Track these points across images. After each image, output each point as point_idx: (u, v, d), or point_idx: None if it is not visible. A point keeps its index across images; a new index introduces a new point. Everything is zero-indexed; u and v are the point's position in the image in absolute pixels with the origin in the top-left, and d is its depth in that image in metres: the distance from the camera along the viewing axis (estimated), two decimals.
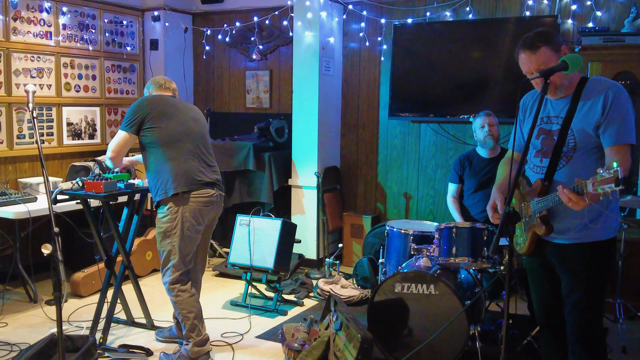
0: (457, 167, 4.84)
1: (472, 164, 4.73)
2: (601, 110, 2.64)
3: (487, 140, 4.60)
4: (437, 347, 3.63)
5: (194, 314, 3.74)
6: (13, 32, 5.43)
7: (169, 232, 3.69)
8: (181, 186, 3.66)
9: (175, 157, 3.72)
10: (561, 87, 2.71)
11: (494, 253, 3.75)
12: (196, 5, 6.98)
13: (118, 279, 4.22)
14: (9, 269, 5.06)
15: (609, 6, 5.17)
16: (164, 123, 3.73)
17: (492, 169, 4.44)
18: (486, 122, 4.59)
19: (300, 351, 3.71)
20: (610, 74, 4.76)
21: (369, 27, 6.11)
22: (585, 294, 2.73)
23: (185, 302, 3.74)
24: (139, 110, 3.74)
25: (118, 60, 6.51)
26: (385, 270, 4.51)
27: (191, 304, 3.76)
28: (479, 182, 4.66)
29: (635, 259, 4.66)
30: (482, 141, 4.64)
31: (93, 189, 3.84)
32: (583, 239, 2.70)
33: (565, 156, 2.71)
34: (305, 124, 6.03)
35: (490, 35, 5.49)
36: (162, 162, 3.71)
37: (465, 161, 4.79)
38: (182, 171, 3.69)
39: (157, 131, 3.71)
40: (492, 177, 4.43)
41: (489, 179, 4.51)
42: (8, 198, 4.93)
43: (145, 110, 3.74)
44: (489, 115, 4.64)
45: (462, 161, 4.82)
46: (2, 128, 5.40)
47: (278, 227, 4.98)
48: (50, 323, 4.50)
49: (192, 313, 3.74)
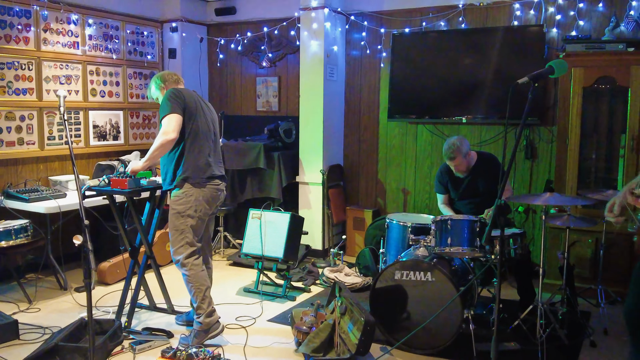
0: (440, 179, 4.69)
1: (451, 179, 4.59)
2: None
3: (457, 173, 4.48)
4: (434, 330, 3.64)
5: (205, 287, 3.77)
6: (43, 42, 5.46)
7: (184, 212, 3.74)
8: (200, 175, 3.76)
9: (197, 151, 3.78)
10: None
11: (487, 243, 3.76)
12: (211, 17, 6.98)
13: (141, 268, 4.24)
14: (41, 259, 5.10)
15: (591, 16, 5.15)
16: (192, 121, 3.78)
17: (470, 181, 4.49)
18: (452, 165, 4.41)
19: (308, 333, 3.72)
20: (592, 78, 4.76)
21: (370, 36, 6.11)
22: None
23: (197, 276, 3.77)
24: (179, 98, 3.73)
25: (139, 68, 6.52)
26: (386, 260, 4.50)
27: (203, 277, 3.80)
28: (461, 193, 4.59)
29: (615, 249, 4.65)
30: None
31: (118, 185, 3.86)
32: None
33: None
34: (311, 126, 6.04)
35: (481, 43, 5.48)
36: (186, 153, 3.77)
37: (444, 176, 4.64)
38: (202, 163, 3.79)
39: (186, 127, 3.75)
40: (471, 187, 4.46)
41: (468, 189, 4.51)
42: (40, 194, 4.96)
43: (184, 102, 3.74)
44: (452, 158, 4.34)
45: (442, 176, 4.66)
46: (34, 130, 5.43)
47: (287, 220, 5.00)
48: (79, 308, 4.52)
49: (204, 286, 3.77)
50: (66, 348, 3.52)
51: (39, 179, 5.49)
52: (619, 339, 4.01)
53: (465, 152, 4.34)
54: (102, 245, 5.57)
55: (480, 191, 4.45)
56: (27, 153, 5.39)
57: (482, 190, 4.44)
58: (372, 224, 5.79)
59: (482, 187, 4.44)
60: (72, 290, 4.95)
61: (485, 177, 4.41)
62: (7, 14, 5.15)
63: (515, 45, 5.31)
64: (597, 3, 5.09)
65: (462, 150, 4.31)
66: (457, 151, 4.30)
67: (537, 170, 5.44)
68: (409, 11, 5.88)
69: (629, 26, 4.86)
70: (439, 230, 3.85)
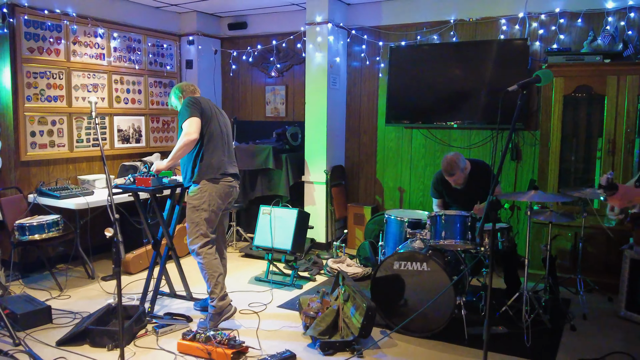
0: (436, 187, 4.55)
1: (446, 188, 4.45)
2: None
3: (455, 185, 4.34)
4: (430, 315, 3.65)
5: (217, 273, 3.78)
6: (73, 54, 5.47)
7: (198, 206, 3.77)
8: (214, 172, 3.78)
9: (212, 150, 3.81)
10: None
11: (480, 235, 3.75)
12: (224, 31, 6.98)
13: (163, 258, 4.24)
14: (71, 251, 5.11)
15: (571, 30, 5.15)
16: (207, 125, 3.80)
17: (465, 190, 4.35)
18: (451, 180, 4.26)
19: (315, 318, 3.72)
20: (571, 87, 4.75)
21: (369, 49, 6.11)
22: None
23: (211, 263, 3.78)
24: (196, 104, 3.77)
25: (159, 77, 6.52)
26: (385, 251, 4.50)
27: (216, 265, 3.81)
28: (456, 199, 4.48)
29: (593, 242, 4.65)
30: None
31: (143, 183, 3.86)
32: None
33: None
34: (316, 130, 6.03)
35: (471, 55, 5.47)
36: (203, 152, 3.79)
37: (440, 185, 4.49)
38: (216, 162, 3.81)
39: (203, 130, 3.77)
40: (466, 195, 4.34)
41: (463, 196, 4.38)
42: (70, 192, 4.97)
43: (201, 107, 3.78)
44: (452, 175, 4.20)
45: (438, 185, 4.51)
46: (64, 134, 5.43)
47: (295, 215, 4.99)
48: (106, 295, 4.52)
49: (217, 272, 3.78)
50: (95, 331, 3.55)
51: (68, 178, 5.50)
52: (597, 323, 4.02)
53: (462, 167, 4.19)
54: (126, 238, 5.55)
55: (474, 198, 4.29)
56: (57, 154, 5.39)
57: (476, 197, 4.29)
58: (371, 220, 5.78)
59: (475, 195, 4.30)
60: (99, 279, 4.95)
61: (479, 185, 4.27)
62: (40, 28, 5.15)
63: (502, 57, 5.29)
64: (576, 19, 5.09)
65: (460, 167, 4.17)
66: (456, 168, 4.16)
67: (521, 170, 5.44)
68: (405, 26, 5.88)
69: (605, 40, 4.86)
70: (433, 225, 3.85)
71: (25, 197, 5.01)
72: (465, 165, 4.24)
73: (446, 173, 4.24)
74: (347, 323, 3.64)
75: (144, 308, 3.92)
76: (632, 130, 4.57)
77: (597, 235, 4.64)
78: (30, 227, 4.57)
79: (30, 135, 5.12)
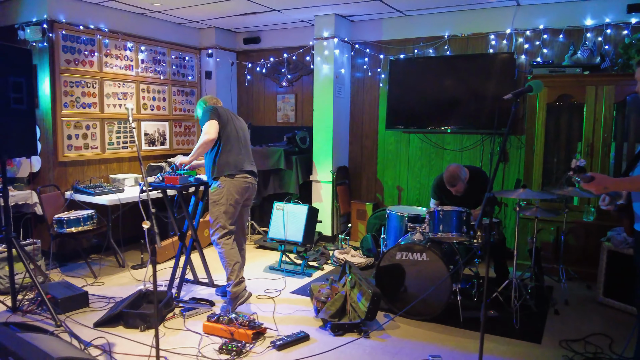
0: (436, 192, 4.48)
1: (445, 193, 4.37)
2: None
3: (456, 194, 4.27)
4: (429, 300, 3.67)
5: (234, 261, 3.81)
6: (105, 65, 5.50)
7: (218, 201, 3.80)
8: (231, 170, 3.82)
9: (229, 150, 3.85)
10: None
11: (479, 227, 3.77)
12: (240, 45, 7.00)
13: (188, 249, 4.27)
14: (104, 242, 5.15)
15: (553, 45, 5.18)
16: (224, 129, 3.85)
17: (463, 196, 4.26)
18: (453, 190, 4.21)
19: (325, 303, 3.75)
20: (554, 96, 4.78)
21: (371, 61, 6.13)
22: None
23: (229, 252, 3.82)
24: (214, 111, 3.85)
25: (181, 86, 6.54)
26: (387, 243, 4.51)
27: (233, 254, 3.83)
28: (453, 202, 4.34)
29: (573, 235, 4.68)
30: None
31: (171, 182, 3.90)
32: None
33: None
34: (323, 134, 6.05)
35: (463, 67, 5.48)
36: (221, 152, 3.84)
37: (440, 191, 4.41)
38: (233, 160, 3.84)
39: (221, 133, 3.83)
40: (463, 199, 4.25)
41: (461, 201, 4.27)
42: (103, 189, 5.00)
43: (218, 113, 3.86)
44: (454, 185, 4.15)
45: (438, 190, 4.44)
46: (97, 137, 5.47)
47: (305, 211, 5.02)
48: (136, 282, 4.55)
49: (233, 261, 3.81)
50: (129, 314, 3.57)
51: (101, 177, 5.53)
52: (577, 308, 4.05)
53: (463, 178, 4.14)
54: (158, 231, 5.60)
55: (471, 202, 4.21)
56: (91, 156, 5.42)
57: (472, 201, 4.23)
58: (373, 215, 5.80)
59: (472, 199, 4.25)
60: (129, 268, 4.98)
61: (476, 191, 4.20)
62: (76, 42, 5.19)
63: (491, 69, 5.31)
64: (558, 35, 5.12)
65: (461, 178, 4.13)
66: (458, 179, 4.12)
67: (508, 171, 5.46)
68: (404, 41, 5.89)
69: (584, 54, 4.88)
70: (432, 219, 3.87)
71: (63, 194, 5.04)
72: (466, 176, 4.19)
73: (448, 184, 4.18)
74: (354, 307, 3.66)
75: (171, 293, 3.95)
76: (608, 135, 4.60)
77: (577, 229, 4.67)
78: (68, 221, 4.61)
79: (67, 139, 5.16)
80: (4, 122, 3.46)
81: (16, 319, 3.66)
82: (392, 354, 3.22)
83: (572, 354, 3.23)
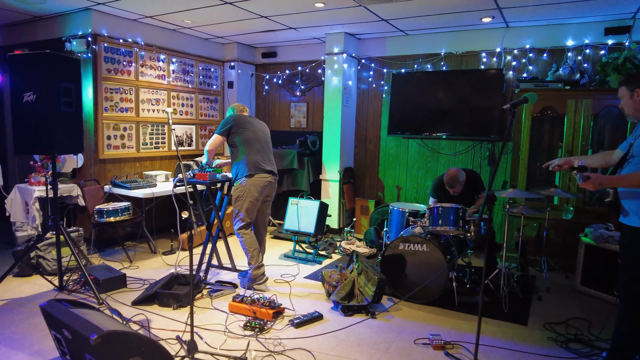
0: (435, 191, 4.47)
1: (443, 192, 4.37)
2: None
3: (453, 194, 4.28)
4: (428, 286, 3.68)
5: (253, 248, 3.85)
6: (140, 74, 5.50)
7: (240, 197, 3.85)
8: (251, 170, 3.84)
9: (249, 153, 3.87)
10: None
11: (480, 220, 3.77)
12: (258, 59, 7.00)
13: (215, 237, 4.28)
14: (138, 231, 5.15)
15: (537, 63, 5.18)
16: (243, 132, 3.87)
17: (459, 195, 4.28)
18: (451, 191, 4.22)
19: (336, 287, 3.77)
20: (538, 108, 4.79)
21: (375, 75, 6.13)
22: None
23: (248, 241, 3.86)
24: (228, 123, 3.88)
25: (207, 94, 6.54)
26: (389, 236, 4.51)
27: (252, 241, 3.88)
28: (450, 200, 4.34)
29: (554, 230, 4.68)
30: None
31: (201, 178, 3.91)
32: None
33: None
34: (331, 139, 6.05)
35: (457, 81, 5.49)
36: (242, 155, 3.86)
37: (439, 190, 4.42)
38: (252, 161, 3.86)
39: (238, 137, 3.85)
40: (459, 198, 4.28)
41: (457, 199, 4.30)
42: (138, 184, 5.01)
43: (232, 123, 3.88)
44: (453, 187, 4.18)
45: (437, 189, 4.44)
46: (133, 138, 5.47)
47: (317, 206, 5.02)
48: (166, 266, 4.55)
49: (252, 247, 3.85)
50: (163, 294, 3.58)
51: (136, 173, 5.53)
52: (558, 295, 4.05)
53: (461, 181, 4.15)
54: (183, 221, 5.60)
55: (466, 200, 4.27)
56: (127, 154, 5.43)
57: (467, 199, 4.28)
58: (375, 210, 5.80)
59: (467, 197, 4.29)
60: (160, 254, 4.98)
61: (471, 191, 4.28)
62: (116, 53, 5.20)
63: (482, 83, 5.32)
64: (543, 53, 5.12)
65: (460, 181, 4.15)
66: (457, 182, 4.14)
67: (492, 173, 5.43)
68: (404, 57, 5.90)
69: (565, 70, 4.89)
70: (431, 215, 3.88)
71: (102, 187, 5.05)
72: (463, 178, 4.20)
73: (448, 186, 4.18)
74: (362, 291, 3.67)
75: (200, 276, 3.96)
76: (586, 143, 4.61)
77: (558, 225, 4.67)
78: (107, 212, 4.61)
79: (106, 139, 5.17)
80: (56, 122, 3.47)
81: (63, 297, 3.67)
82: (397, 332, 3.22)
83: (555, 334, 3.23)
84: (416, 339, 3.12)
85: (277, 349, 2.91)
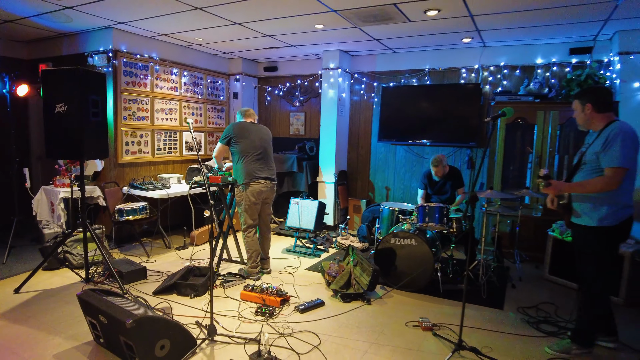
0: (422, 180, 4.70)
1: (430, 181, 4.65)
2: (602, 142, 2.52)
3: (435, 177, 4.55)
4: (416, 276, 3.78)
5: (252, 250, 3.94)
6: (155, 86, 5.56)
7: (240, 202, 3.93)
8: (246, 179, 3.90)
9: (245, 162, 3.92)
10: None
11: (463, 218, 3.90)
12: (261, 73, 7.04)
13: (226, 234, 4.35)
14: (154, 228, 5.20)
15: (511, 78, 5.31)
16: (242, 141, 3.91)
17: (442, 183, 4.53)
18: (434, 169, 4.47)
19: (335, 277, 3.85)
20: (512, 118, 4.88)
21: (366, 88, 6.20)
22: None
23: (250, 242, 3.94)
24: (229, 132, 3.94)
25: (214, 104, 6.59)
26: (381, 232, 4.58)
27: (253, 244, 3.96)
28: (435, 190, 4.66)
29: (525, 226, 4.81)
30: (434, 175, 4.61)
31: (215, 180, 3.99)
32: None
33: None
34: (327, 145, 6.10)
35: (439, 94, 5.58)
36: (240, 162, 3.92)
37: (425, 179, 4.67)
38: (248, 170, 3.90)
39: (238, 145, 3.90)
40: (442, 187, 4.53)
41: (440, 189, 4.60)
42: (154, 186, 5.06)
43: (232, 133, 3.93)
44: (436, 165, 4.42)
45: (424, 178, 4.68)
46: (149, 144, 5.52)
47: (316, 205, 5.09)
48: (181, 260, 4.59)
49: (252, 249, 3.94)
50: (181, 284, 3.65)
51: (151, 176, 5.58)
52: (529, 283, 4.17)
53: (444, 164, 4.44)
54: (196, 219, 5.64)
55: (447, 190, 4.54)
56: (143, 159, 5.47)
57: (448, 189, 4.53)
58: (367, 209, 5.87)
59: (448, 188, 4.53)
60: (174, 249, 5.03)
61: (451, 181, 4.53)
62: (134, 67, 5.26)
63: (461, 96, 5.42)
64: (515, 70, 5.26)
65: (443, 163, 4.42)
66: (441, 162, 4.40)
67: (474, 176, 5.58)
68: (393, 72, 5.99)
69: (536, 85, 5.02)
70: (419, 213, 3.98)
71: (121, 189, 5.09)
72: (446, 164, 4.48)
73: (434, 163, 4.42)
74: (358, 281, 3.76)
75: None
76: (553, 149, 4.75)
77: (528, 222, 4.80)
78: (126, 211, 4.65)
79: (124, 145, 5.22)
80: (85, 131, 3.54)
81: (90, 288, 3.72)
82: (390, 316, 3.35)
83: (527, 317, 3.37)
84: (407, 322, 3.24)
85: (286, 331, 3.01)
